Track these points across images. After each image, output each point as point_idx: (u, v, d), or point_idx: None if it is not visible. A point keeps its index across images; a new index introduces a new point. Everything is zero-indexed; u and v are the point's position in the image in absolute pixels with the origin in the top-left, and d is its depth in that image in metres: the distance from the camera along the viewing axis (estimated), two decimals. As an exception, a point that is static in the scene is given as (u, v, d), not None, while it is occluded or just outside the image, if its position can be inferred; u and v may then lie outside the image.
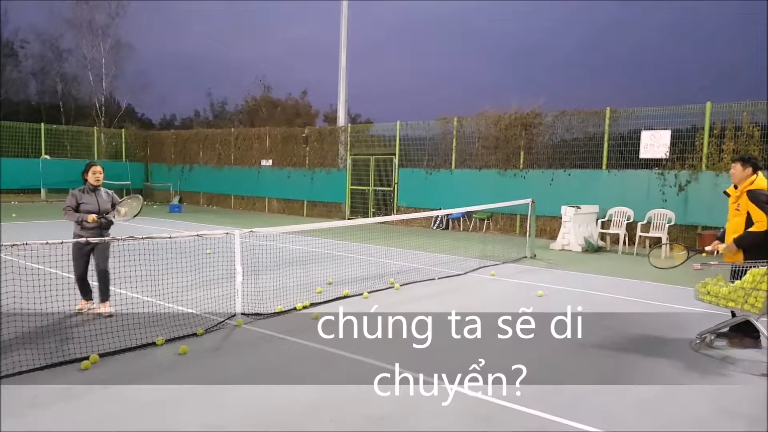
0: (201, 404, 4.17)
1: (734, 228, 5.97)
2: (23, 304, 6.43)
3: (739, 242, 5.83)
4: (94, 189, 6.71)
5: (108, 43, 37.82)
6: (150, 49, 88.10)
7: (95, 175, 6.71)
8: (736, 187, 6.06)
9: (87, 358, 4.94)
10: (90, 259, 6.71)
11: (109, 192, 6.90)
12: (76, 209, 6.58)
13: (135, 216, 6.84)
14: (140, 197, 7.08)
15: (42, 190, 26.32)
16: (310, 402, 4.25)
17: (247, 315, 6.57)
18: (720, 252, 6.00)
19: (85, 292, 6.78)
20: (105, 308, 6.61)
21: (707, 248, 6.29)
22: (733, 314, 5.74)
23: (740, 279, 5.56)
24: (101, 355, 5.06)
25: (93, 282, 6.81)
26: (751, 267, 5.49)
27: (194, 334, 5.84)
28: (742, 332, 5.91)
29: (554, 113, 16.65)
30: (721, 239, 6.26)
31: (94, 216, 6.45)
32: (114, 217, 6.69)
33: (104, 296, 6.67)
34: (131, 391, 4.38)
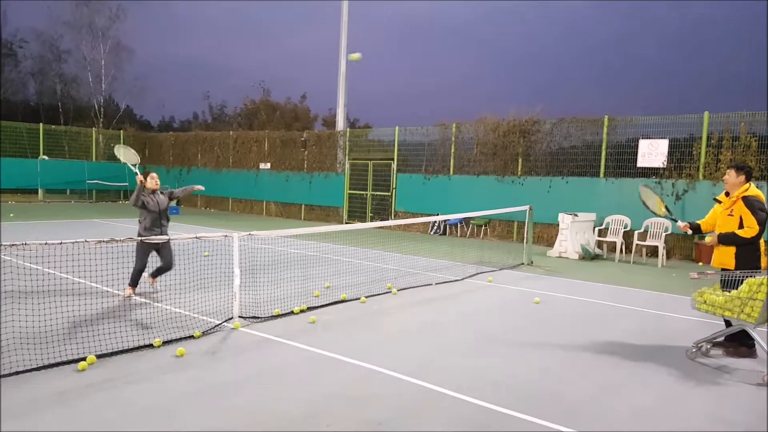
0: (198, 407, 4.17)
1: (725, 231, 6.08)
2: (20, 304, 6.43)
3: (721, 238, 6.00)
4: (153, 192, 7.62)
5: (108, 44, 37.88)
6: (150, 52, 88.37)
7: (153, 180, 7.66)
8: (728, 194, 6.13)
9: (84, 359, 4.93)
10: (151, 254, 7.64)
11: (164, 192, 7.83)
12: (142, 205, 7.50)
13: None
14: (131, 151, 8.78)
15: (39, 191, 26.28)
16: (308, 406, 4.25)
17: (245, 318, 6.57)
18: (706, 242, 6.27)
19: (136, 283, 7.58)
20: (153, 282, 7.88)
21: (679, 224, 6.43)
22: (728, 324, 5.77)
23: (735, 288, 5.59)
24: (98, 357, 5.06)
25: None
26: (747, 277, 5.52)
27: (191, 337, 5.84)
28: (738, 342, 5.94)
29: (552, 121, 16.70)
30: (696, 230, 6.45)
31: (141, 177, 7.51)
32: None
33: (155, 276, 7.85)
34: (128, 393, 4.37)
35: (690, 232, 6.39)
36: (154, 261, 7.76)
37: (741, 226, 5.86)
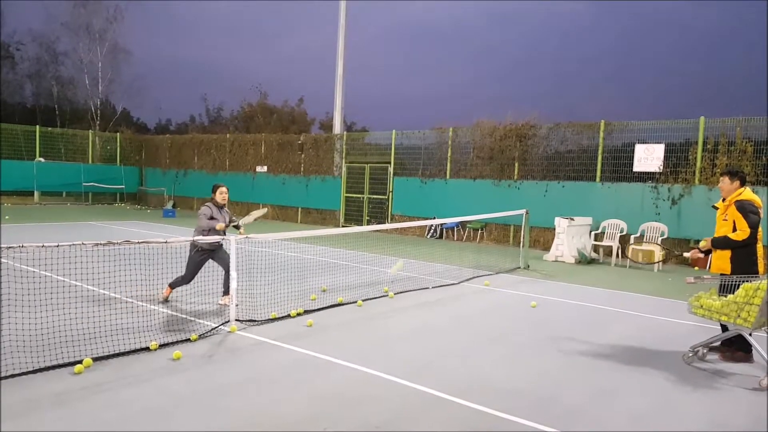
0: (194, 411, 4.16)
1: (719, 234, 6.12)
2: (17, 306, 6.41)
3: (714, 242, 6.03)
4: (221, 207, 7.57)
5: (105, 46, 37.82)
6: (147, 54, 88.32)
7: (222, 195, 7.58)
8: (724, 200, 6.19)
9: (81, 361, 4.92)
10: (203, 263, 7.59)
11: (228, 211, 7.73)
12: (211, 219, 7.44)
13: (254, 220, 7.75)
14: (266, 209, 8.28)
15: (35, 193, 26.20)
16: (305, 410, 4.24)
17: (241, 321, 6.56)
18: (700, 247, 6.20)
19: (177, 285, 7.57)
20: (226, 300, 7.36)
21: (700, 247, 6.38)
22: (724, 328, 5.79)
23: (731, 293, 5.62)
24: (95, 359, 5.05)
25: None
26: (743, 281, 5.55)
27: (188, 340, 5.83)
28: (735, 346, 5.95)
29: (549, 125, 16.75)
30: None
31: (222, 224, 7.34)
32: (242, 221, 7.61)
33: (226, 291, 7.39)
34: (125, 396, 4.36)
35: (702, 255, 6.29)
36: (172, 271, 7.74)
37: (734, 230, 5.90)
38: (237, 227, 7.52)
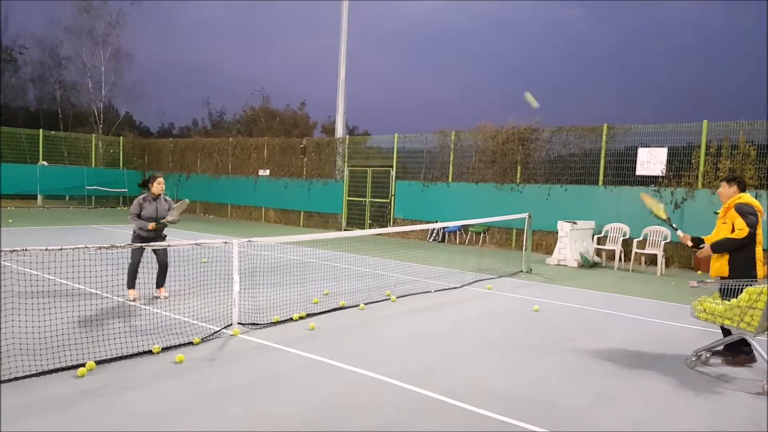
0: (196, 414, 4.16)
1: (717, 237, 6.15)
2: (20, 309, 6.42)
3: (714, 246, 6.03)
4: (156, 197, 7.75)
5: (108, 51, 37.96)
6: (149, 58, 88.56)
7: (159, 185, 7.76)
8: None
9: (83, 365, 4.92)
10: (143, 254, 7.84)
11: (168, 199, 7.96)
12: (139, 216, 7.64)
13: (180, 214, 7.92)
14: (186, 200, 8.23)
15: (39, 197, 26.26)
16: (307, 413, 4.24)
17: (244, 325, 6.56)
18: (698, 254, 6.22)
19: (133, 283, 7.72)
20: (162, 292, 7.85)
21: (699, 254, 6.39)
22: (727, 332, 5.77)
23: (734, 297, 5.60)
24: (97, 363, 5.05)
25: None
26: (746, 285, 5.53)
27: (190, 343, 5.83)
28: (738, 351, 5.94)
29: (551, 129, 16.75)
30: (697, 244, 6.42)
31: (153, 224, 7.55)
32: (169, 219, 7.74)
33: (161, 284, 7.88)
34: (127, 399, 4.37)
35: (690, 244, 6.38)
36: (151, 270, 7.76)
37: (733, 231, 5.93)
38: (165, 225, 7.71)
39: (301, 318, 7.12)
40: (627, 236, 13.98)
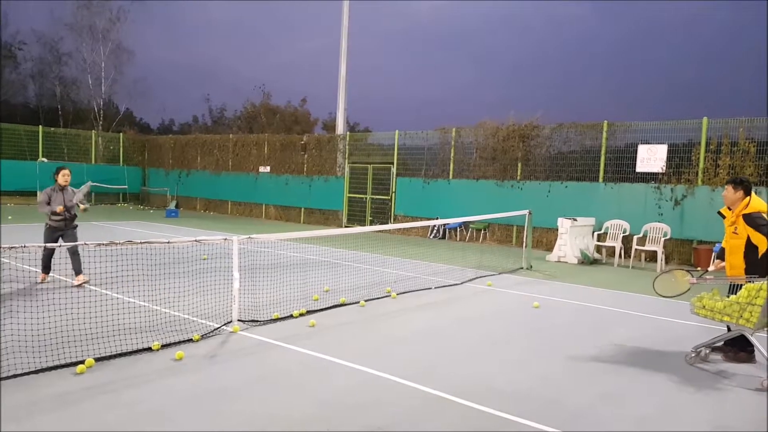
0: (196, 411, 4.16)
1: (733, 249, 5.98)
2: (19, 306, 6.43)
3: (755, 270, 5.74)
4: (63, 188, 8.22)
5: (108, 47, 37.88)
6: (150, 55, 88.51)
7: (65, 177, 8.25)
8: (729, 209, 6.09)
9: (83, 362, 4.92)
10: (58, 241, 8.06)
11: (74, 190, 8.40)
12: (48, 204, 8.08)
13: (84, 196, 8.49)
14: (89, 182, 9.60)
15: (38, 193, 26.21)
16: (307, 410, 4.24)
17: (244, 321, 6.56)
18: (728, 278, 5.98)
19: (47, 268, 8.16)
20: (79, 280, 8.04)
21: (710, 269, 6.34)
22: (729, 328, 5.77)
23: (734, 293, 5.60)
24: (97, 360, 5.05)
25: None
26: (747, 282, 5.53)
27: (190, 340, 5.83)
28: (737, 347, 5.94)
29: (552, 126, 16.73)
30: (720, 257, 6.32)
31: (61, 207, 8.01)
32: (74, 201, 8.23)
33: (78, 271, 8.09)
34: (127, 396, 4.37)
35: (722, 262, 6.21)
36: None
37: (749, 244, 5.77)
38: (75, 215, 8.26)
39: (301, 315, 7.12)
40: (627, 233, 13.98)
